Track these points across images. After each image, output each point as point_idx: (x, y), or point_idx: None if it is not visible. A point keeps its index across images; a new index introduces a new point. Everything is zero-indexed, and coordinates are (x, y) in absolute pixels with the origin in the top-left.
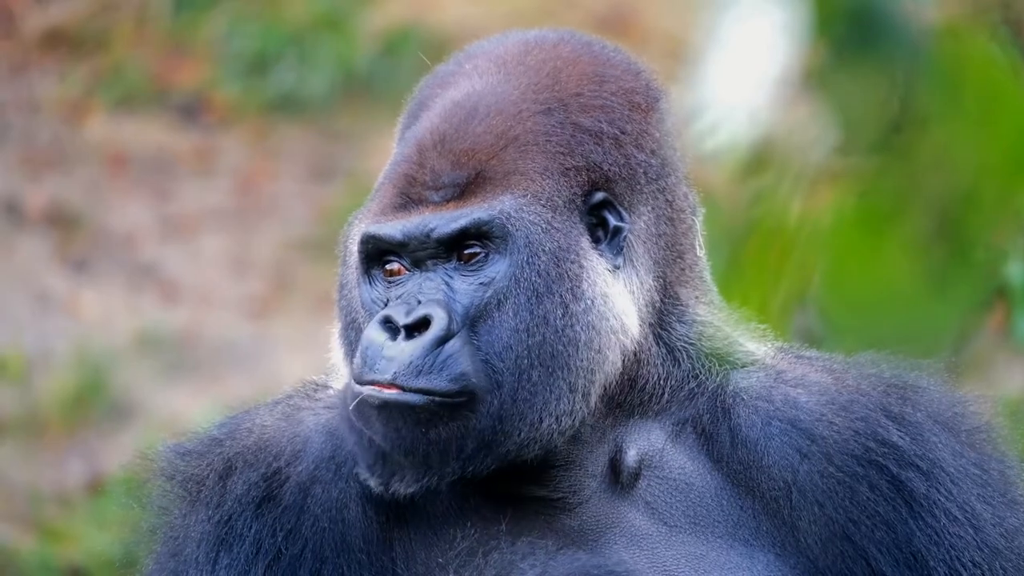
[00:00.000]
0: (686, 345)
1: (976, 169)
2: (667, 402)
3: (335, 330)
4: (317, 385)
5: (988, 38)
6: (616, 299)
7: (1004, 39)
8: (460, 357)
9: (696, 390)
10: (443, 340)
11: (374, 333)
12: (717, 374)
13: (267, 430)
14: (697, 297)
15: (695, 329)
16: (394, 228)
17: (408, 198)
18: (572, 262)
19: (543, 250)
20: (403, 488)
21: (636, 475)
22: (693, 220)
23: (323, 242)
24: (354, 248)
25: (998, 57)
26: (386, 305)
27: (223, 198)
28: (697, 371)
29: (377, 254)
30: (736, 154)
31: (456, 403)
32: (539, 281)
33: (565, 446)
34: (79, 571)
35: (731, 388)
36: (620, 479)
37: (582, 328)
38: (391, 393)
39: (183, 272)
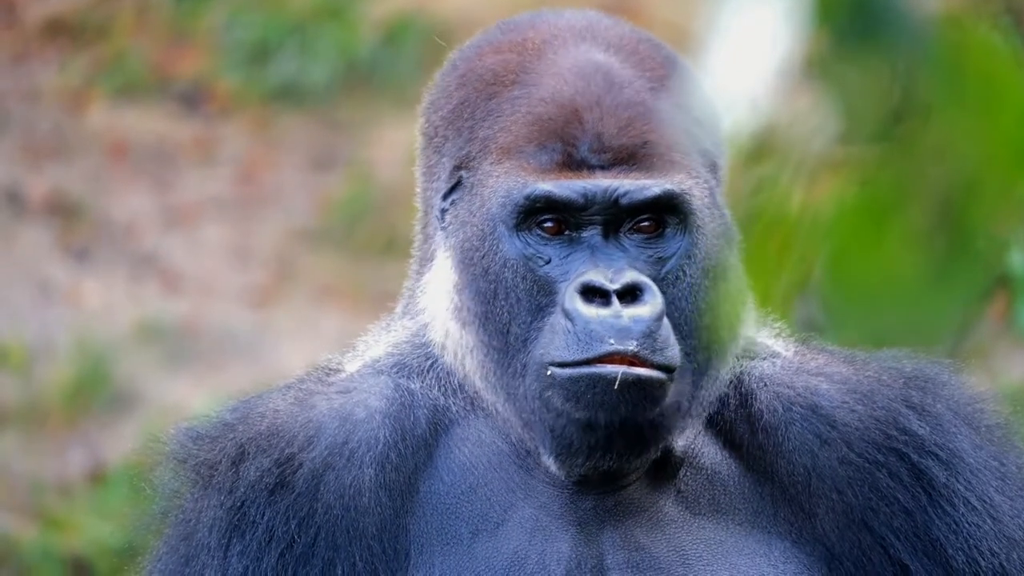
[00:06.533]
0: None
1: (978, 159)
2: None
3: (446, 283)
4: (329, 369)
5: (990, 28)
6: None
7: (1006, 29)
8: (671, 332)
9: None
10: (663, 313)
11: (582, 302)
12: (740, 363)
13: (280, 415)
14: None
15: None
16: (572, 189)
17: (570, 157)
18: (724, 250)
19: (712, 234)
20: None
21: (680, 464)
22: None
23: (324, 232)
24: (495, 200)
25: (1000, 47)
26: (548, 263)
27: (224, 188)
28: None
29: (537, 212)
30: (738, 143)
31: (669, 382)
32: (708, 265)
33: None
34: (80, 560)
35: (755, 374)
36: (665, 469)
37: (736, 319)
38: (641, 371)
39: (184, 262)
